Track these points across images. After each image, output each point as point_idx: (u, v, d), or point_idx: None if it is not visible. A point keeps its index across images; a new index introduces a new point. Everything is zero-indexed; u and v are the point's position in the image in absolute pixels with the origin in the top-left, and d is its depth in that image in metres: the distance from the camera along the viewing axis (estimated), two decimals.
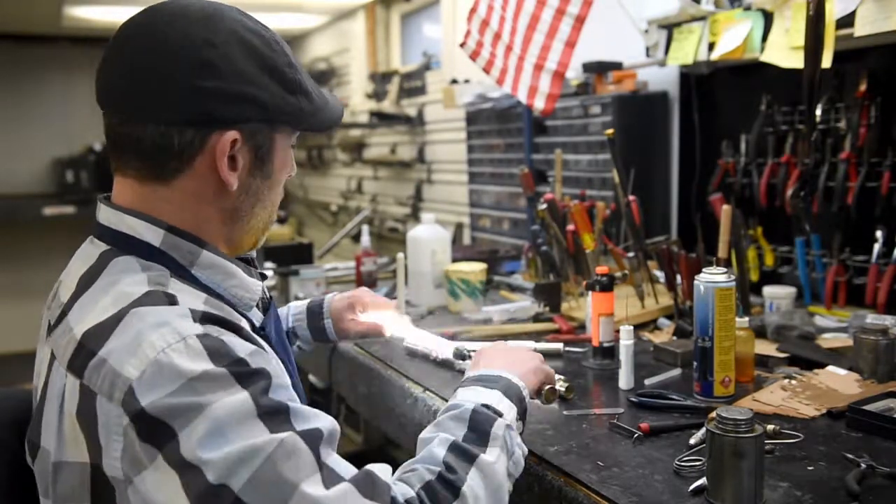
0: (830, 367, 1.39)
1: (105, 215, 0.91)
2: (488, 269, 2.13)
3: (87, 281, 0.86)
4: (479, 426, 0.95)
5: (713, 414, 0.96)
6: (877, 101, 1.73)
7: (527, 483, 1.10)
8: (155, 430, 0.74)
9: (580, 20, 2.11)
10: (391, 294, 2.14)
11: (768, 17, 1.75)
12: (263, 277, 1.03)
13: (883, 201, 1.72)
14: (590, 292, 1.54)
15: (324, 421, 0.83)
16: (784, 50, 1.70)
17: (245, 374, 0.78)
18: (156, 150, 0.87)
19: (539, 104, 2.20)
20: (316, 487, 0.76)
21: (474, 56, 2.25)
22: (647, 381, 1.39)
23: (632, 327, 1.41)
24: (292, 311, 1.47)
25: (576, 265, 1.99)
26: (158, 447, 0.74)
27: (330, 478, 0.78)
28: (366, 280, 2.34)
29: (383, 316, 1.47)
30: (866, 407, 1.18)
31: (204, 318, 0.81)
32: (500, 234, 2.98)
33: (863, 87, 1.74)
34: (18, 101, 5.47)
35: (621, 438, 1.17)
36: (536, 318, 1.85)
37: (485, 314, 1.92)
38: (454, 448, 0.91)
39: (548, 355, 1.58)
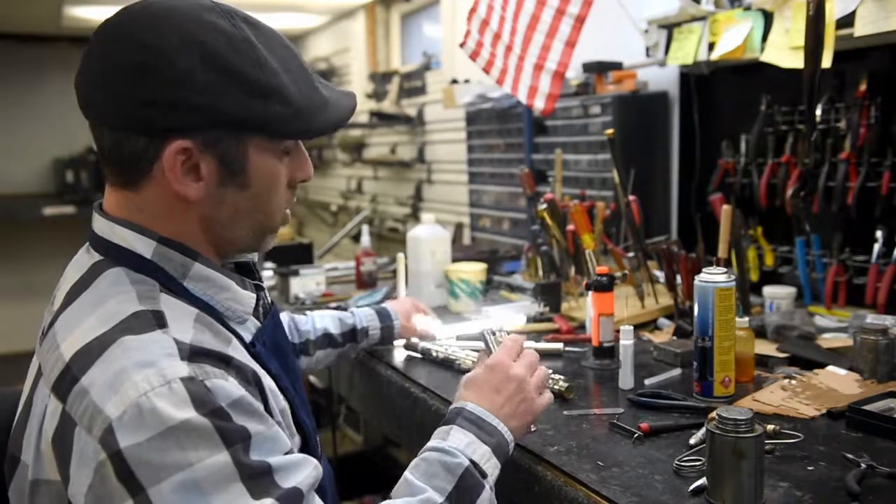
0: (830, 367, 1.39)
1: (98, 224, 0.90)
2: (488, 269, 2.13)
3: (76, 292, 0.85)
4: (466, 492, 0.94)
5: (713, 414, 0.96)
6: (877, 101, 1.73)
7: (527, 483, 1.10)
8: (130, 476, 0.72)
9: (580, 20, 2.11)
10: (391, 294, 2.14)
11: (768, 17, 1.75)
12: (259, 288, 1.01)
13: (883, 201, 1.72)
14: (590, 292, 1.54)
15: (305, 470, 0.81)
16: (784, 50, 1.70)
17: (227, 430, 0.75)
18: (114, 156, 0.86)
19: (539, 104, 2.19)
20: None
21: (474, 56, 2.25)
22: (647, 381, 1.39)
23: (632, 327, 1.41)
24: (364, 316, 1.58)
25: (576, 265, 1.99)
26: (131, 493, 0.72)
27: None
28: (366, 280, 2.34)
29: (431, 321, 1.70)
30: (866, 407, 1.18)
31: (192, 353, 0.78)
32: (500, 234, 2.98)
33: (863, 87, 1.74)
34: (18, 101, 5.47)
35: (621, 438, 1.17)
36: (536, 319, 1.85)
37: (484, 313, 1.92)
38: None
39: (548, 355, 1.59)
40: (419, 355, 1.62)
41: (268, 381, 0.89)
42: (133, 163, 0.85)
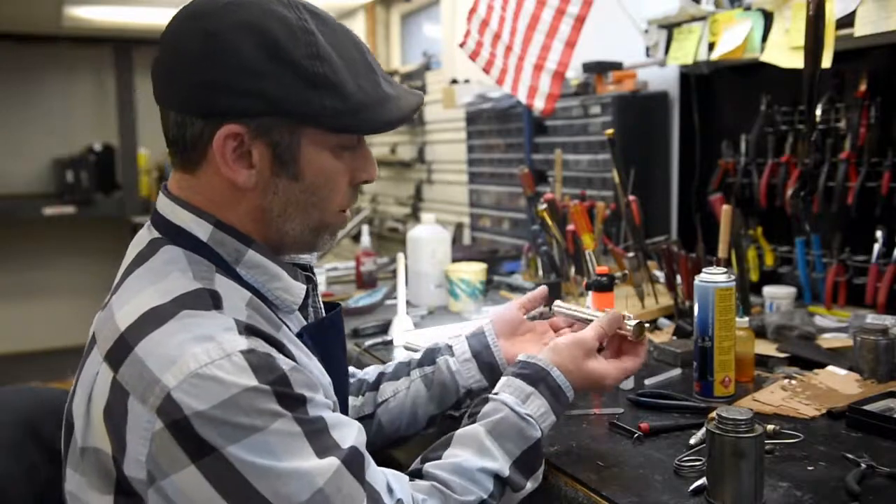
0: (830, 367, 1.39)
1: (161, 204, 0.92)
2: (488, 269, 2.13)
3: (134, 265, 0.87)
4: (532, 458, 0.96)
5: (713, 414, 0.96)
6: (877, 101, 1.73)
7: None
8: (193, 442, 0.73)
9: (580, 20, 2.11)
10: (391, 294, 2.14)
11: (768, 17, 1.75)
12: (310, 281, 1.01)
13: (883, 201, 1.72)
14: (590, 292, 1.54)
15: (354, 430, 0.84)
16: (784, 50, 1.70)
17: (288, 395, 0.78)
18: (176, 138, 0.88)
19: (539, 104, 2.19)
20: None
21: (474, 56, 2.25)
22: (647, 381, 1.39)
23: None
24: (461, 371, 1.19)
25: (576, 265, 1.99)
26: (193, 459, 0.73)
27: (371, 501, 0.81)
28: (366, 280, 2.34)
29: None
30: (866, 407, 1.18)
31: (249, 330, 0.80)
32: (500, 234, 2.98)
33: (863, 87, 1.74)
34: (18, 101, 5.46)
35: (621, 438, 1.17)
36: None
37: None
38: (503, 481, 0.93)
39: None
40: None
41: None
42: (192, 146, 0.87)
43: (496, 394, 1.01)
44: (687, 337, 1.60)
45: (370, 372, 1.25)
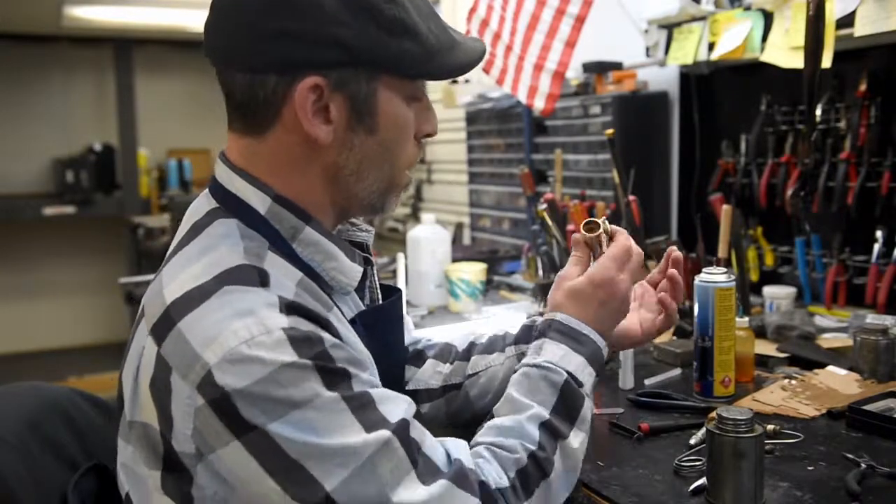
0: (830, 367, 1.39)
1: (220, 171, 0.89)
2: (488, 269, 2.13)
3: (189, 237, 0.85)
4: (569, 402, 0.92)
5: (713, 414, 0.96)
6: (877, 101, 1.73)
7: None
8: (234, 419, 0.73)
9: (580, 20, 2.11)
10: None
11: (768, 17, 1.75)
12: (368, 262, 0.99)
13: (883, 201, 1.72)
14: None
15: (403, 403, 0.81)
16: (784, 50, 1.70)
17: (331, 370, 0.76)
18: (246, 100, 0.84)
19: (539, 104, 2.19)
20: (413, 489, 0.76)
21: None
22: (647, 381, 1.39)
23: None
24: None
25: None
26: (236, 435, 0.73)
27: (427, 472, 0.78)
28: None
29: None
30: (866, 407, 1.18)
31: (290, 308, 0.78)
32: (500, 234, 2.98)
33: (863, 87, 1.74)
34: (18, 101, 5.47)
35: (621, 438, 1.17)
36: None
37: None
38: (546, 427, 0.89)
39: None
40: None
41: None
42: (263, 106, 0.83)
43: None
44: (687, 337, 1.60)
45: (457, 340, 1.20)
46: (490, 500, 0.81)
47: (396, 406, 0.80)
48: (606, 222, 1.04)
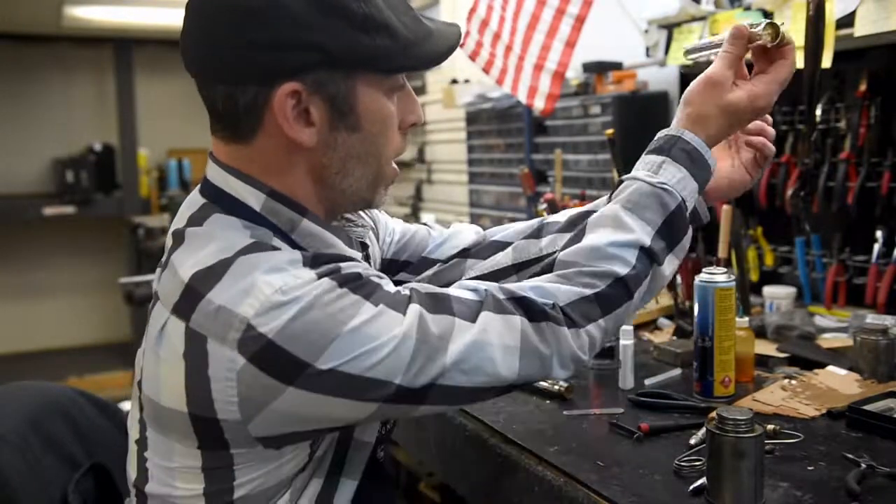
0: (830, 367, 1.39)
1: (212, 172, 0.90)
2: None
3: (191, 226, 0.86)
4: (675, 229, 0.91)
5: (713, 414, 0.96)
6: (877, 101, 1.73)
7: (527, 483, 1.10)
8: (287, 360, 0.74)
9: (580, 20, 2.11)
10: None
11: (768, 17, 1.75)
12: (364, 247, 1.01)
13: (883, 201, 1.72)
14: None
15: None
16: None
17: (362, 285, 0.79)
18: (227, 111, 0.85)
19: (539, 104, 2.20)
20: (461, 336, 0.81)
21: (474, 56, 2.25)
22: (647, 381, 1.39)
23: (632, 327, 1.41)
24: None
25: None
26: (290, 379, 0.74)
27: (465, 313, 0.83)
28: None
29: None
30: (866, 407, 1.17)
31: (314, 259, 0.80)
32: None
33: (863, 87, 1.74)
34: (18, 101, 5.47)
35: (621, 438, 1.17)
36: None
37: None
38: (645, 252, 0.89)
39: None
40: None
41: None
42: (245, 115, 0.84)
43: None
44: (687, 337, 1.60)
45: (551, 218, 1.15)
46: (535, 310, 0.85)
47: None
48: (786, 32, 0.94)
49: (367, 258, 1.02)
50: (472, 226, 1.23)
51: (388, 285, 0.83)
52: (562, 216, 1.14)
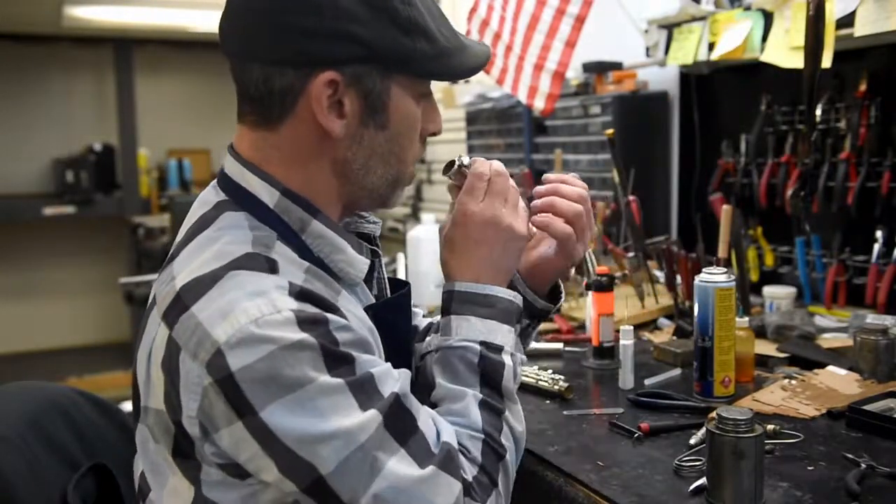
0: (830, 367, 1.39)
1: (230, 166, 0.90)
2: None
3: (199, 228, 0.87)
4: (492, 378, 0.91)
5: (713, 414, 0.96)
6: (877, 101, 1.73)
7: (527, 483, 1.10)
8: (239, 398, 0.74)
9: (580, 20, 2.11)
10: None
11: (768, 17, 1.75)
12: (376, 255, 1.00)
13: (883, 201, 1.72)
14: (590, 292, 1.55)
15: (402, 376, 0.84)
16: (784, 50, 1.70)
17: (333, 353, 0.77)
18: (261, 93, 0.85)
19: (539, 104, 2.20)
20: (405, 466, 0.78)
21: None
22: (647, 381, 1.39)
23: (632, 327, 1.41)
24: None
25: (576, 265, 1.99)
26: (240, 415, 0.75)
27: (419, 451, 0.80)
28: None
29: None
30: (866, 407, 1.18)
31: (301, 294, 0.79)
32: None
33: (863, 87, 1.74)
34: (18, 101, 5.46)
35: (621, 438, 1.17)
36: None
37: None
38: (485, 407, 0.89)
39: (547, 355, 1.59)
40: None
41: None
42: (280, 98, 0.84)
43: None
44: (687, 337, 1.60)
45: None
46: (468, 488, 0.83)
47: (395, 381, 0.82)
48: (463, 157, 0.99)
49: (374, 273, 1.01)
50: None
51: (359, 361, 0.79)
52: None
